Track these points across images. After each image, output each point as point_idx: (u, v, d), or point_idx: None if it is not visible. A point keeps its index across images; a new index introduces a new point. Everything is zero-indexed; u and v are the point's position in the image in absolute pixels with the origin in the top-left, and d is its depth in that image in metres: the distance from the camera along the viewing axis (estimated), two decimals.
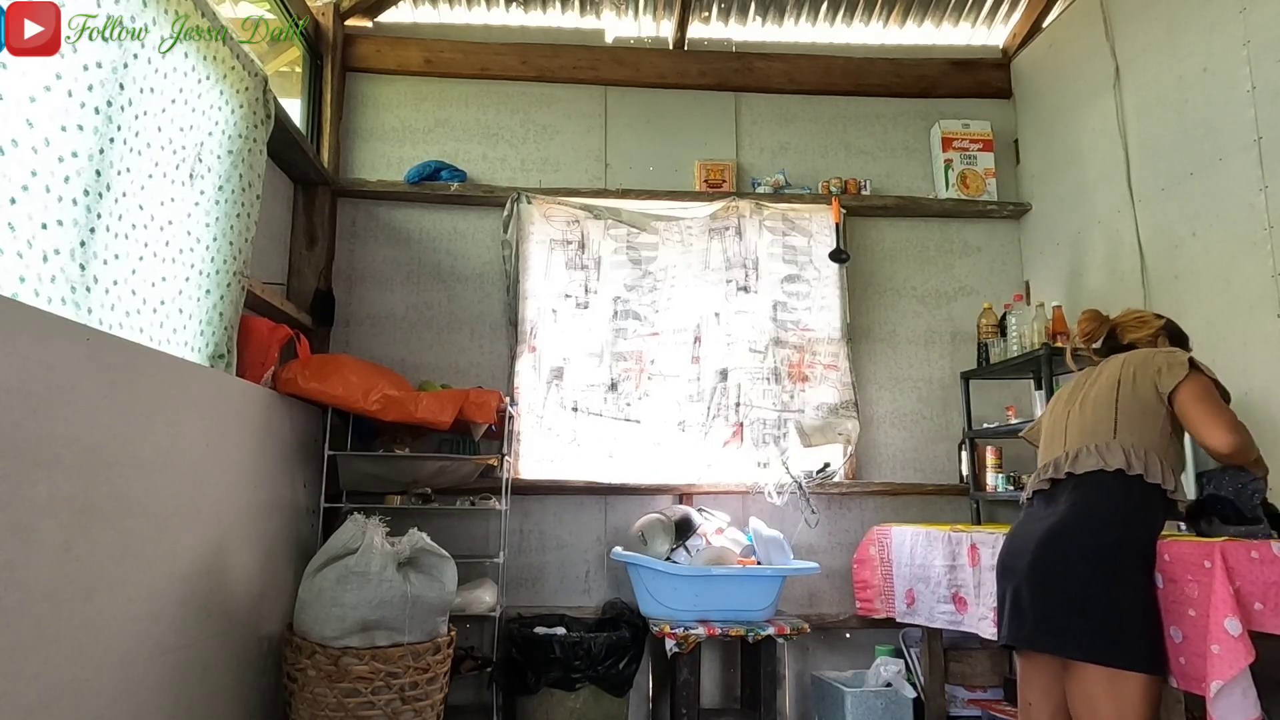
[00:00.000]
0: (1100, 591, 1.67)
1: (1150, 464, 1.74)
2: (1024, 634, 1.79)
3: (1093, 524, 1.73)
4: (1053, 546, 1.76)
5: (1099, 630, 1.65)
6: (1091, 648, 1.66)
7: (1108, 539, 1.71)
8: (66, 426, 1.59)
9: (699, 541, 3.10)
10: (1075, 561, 1.71)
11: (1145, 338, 2.01)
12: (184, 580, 2.03)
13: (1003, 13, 3.90)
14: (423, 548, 2.51)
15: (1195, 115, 2.78)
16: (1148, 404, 1.81)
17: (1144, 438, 1.79)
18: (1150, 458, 1.75)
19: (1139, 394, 1.83)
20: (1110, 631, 1.65)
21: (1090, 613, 1.67)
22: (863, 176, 3.80)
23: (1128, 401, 1.83)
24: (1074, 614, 1.68)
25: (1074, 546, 1.73)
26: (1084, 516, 1.75)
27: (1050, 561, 1.75)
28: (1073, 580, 1.70)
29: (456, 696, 3.03)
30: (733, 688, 3.35)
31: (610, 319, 3.58)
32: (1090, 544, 1.71)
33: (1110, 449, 1.79)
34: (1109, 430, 1.82)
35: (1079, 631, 1.67)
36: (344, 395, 2.81)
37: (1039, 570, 1.76)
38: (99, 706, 1.69)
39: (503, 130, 3.75)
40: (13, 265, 1.60)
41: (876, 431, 3.64)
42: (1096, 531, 1.72)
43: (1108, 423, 1.83)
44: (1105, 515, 1.74)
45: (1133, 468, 1.74)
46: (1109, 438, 1.81)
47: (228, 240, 2.47)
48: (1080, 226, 3.39)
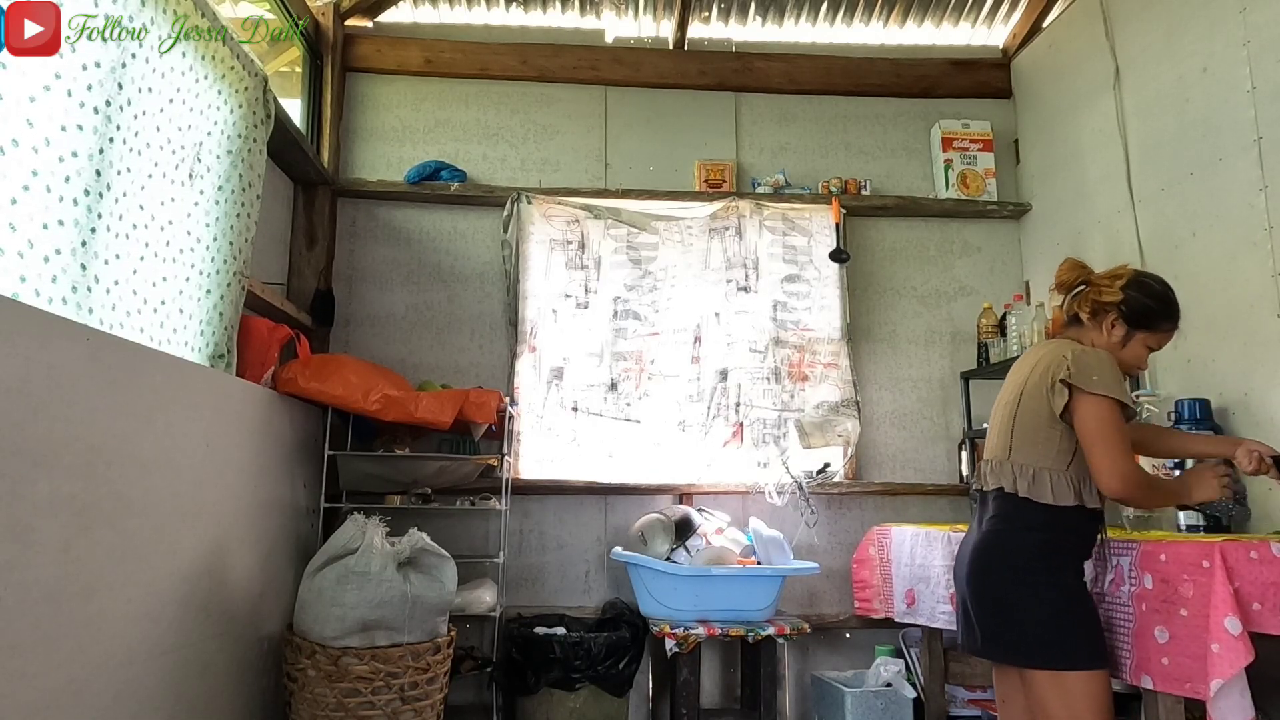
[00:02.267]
0: (1025, 598, 1.72)
1: (1037, 485, 1.74)
2: (975, 643, 1.86)
3: (1007, 536, 1.78)
4: (980, 560, 1.82)
5: (1030, 636, 1.71)
6: (1027, 654, 1.71)
7: (1022, 546, 1.76)
8: (66, 426, 1.59)
9: (699, 541, 3.10)
10: (998, 572, 1.78)
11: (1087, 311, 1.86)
12: (184, 580, 2.04)
13: (1003, 13, 3.90)
14: (423, 548, 2.51)
15: (1195, 115, 2.78)
16: (1042, 420, 1.77)
17: (1036, 457, 1.77)
18: (1039, 478, 1.75)
19: (1035, 409, 1.78)
20: (1041, 635, 1.70)
21: (1021, 619, 1.72)
22: (863, 176, 3.80)
23: (1024, 417, 1.81)
24: (1005, 623, 1.75)
25: (996, 559, 1.79)
26: (999, 530, 1.80)
27: (980, 575, 1.82)
28: (998, 591, 1.77)
29: (456, 696, 3.03)
30: (733, 688, 3.35)
31: (610, 319, 3.58)
32: (1008, 555, 1.77)
33: (1004, 469, 1.81)
34: (1005, 448, 1.83)
35: (1013, 639, 1.74)
36: (344, 395, 2.81)
37: (973, 584, 1.84)
38: (99, 706, 1.69)
39: (503, 130, 3.75)
40: (14, 265, 1.60)
41: (876, 431, 3.64)
42: (1012, 542, 1.77)
43: (1006, 438, 1.84)
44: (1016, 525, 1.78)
45: (1019, 490, 1.76)
46: (1004, 456, 1.83)
47: (228, 240, 2.47)
48: (1080, 226, 3.39)
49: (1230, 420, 2.56)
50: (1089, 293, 1.87)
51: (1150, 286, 1.86)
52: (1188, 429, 2.50)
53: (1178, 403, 2.57)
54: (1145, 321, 1.84)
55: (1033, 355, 1.90)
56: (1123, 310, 1.83)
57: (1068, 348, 1.79)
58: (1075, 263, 1.94)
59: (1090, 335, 1.86)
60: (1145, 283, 1.86)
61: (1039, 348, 1.91)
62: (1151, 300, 1.84)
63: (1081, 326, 1.89)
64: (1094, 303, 1.85)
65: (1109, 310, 1.83)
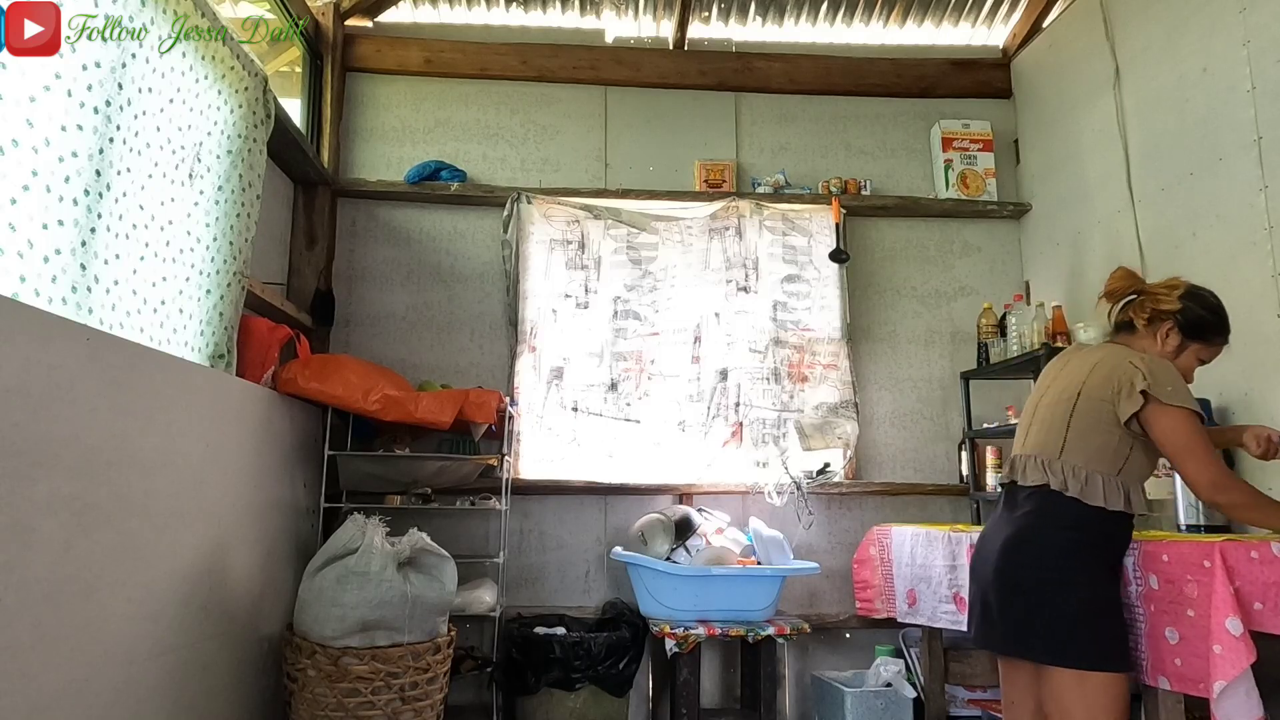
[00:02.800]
0: (1058, 595, 1.71)
1: (1089, 487, 1.73)
2: (996, 639, 1.84)
3: (1045, 531, 1.77)
4: (1012, 554, 1.79)
5: (1060, 633, 1.69)
6: (1054, 650, 1.70)
7: (1060, 542, 1.74)
8: (66, 426, 1.59)
9: (699, 541, 3.10)
10: (1032, 568, 1.75)
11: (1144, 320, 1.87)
12: (184, 580, 2.03)
13: (1003, 13, 3.90)
14: (423, 548, 2.51)
15: (1195, 115, 2.78)
16: (1103, 425, 1.76)
17: (1090, 460, 1.76)
18: (1091, 481, 1.73)
19: (1095, 413, 1.77)
20: (1071, 633, 1.68)
21: (1051, 617, 1.71)
22: (863, 176, 3.80)
23: (1082, 419, 1.78)
24: (1035, 619, 1.73)
25: (1030, 554, 1.77)
26: (1036, 525, 1.78)
27: (1011, 569, 1.79)
28: (1031, 586, 1.74)
29: (456, 696, 3.03)
30: (733, 688, 3.35)
31: (610, 319, 3.58)
32: (1044, 550, 1.75)
33: (1051, 467, 1.79)
34: (1057, 446, 1.80)
35: (1041, 636, 1.72)
36: (344, 395, 2.81)
37: (1002, 578, 1.81)
38: (99, 706, 1.69)
39: (503, 130, 3.75)
40: (14, 265, 1.60)
41: (876, 431, 3.64)
42: (1049, 537, 1.76)
43: (1058, 437, 1.81)
44: (1056, 521, 1.76)
45: (1069, 490, 1.74)
46: (1055, 455, 1.80)
47: (228, 240, 2.47)
48: (1080, 226, 3.39)
49: (1230, 420, 2.56)
50: (1145, 300, 1.87)
51: (1206, 299, 1.87)
52: None
53: None
54: (1200, 333, 1.85)
55: (1088, 357, 1.88)
56: (1179, 320, 1.84)
57: (1133, 355, 1.79)
58: (1127, 271, 1.93)
59: (1143, 343, 1.87)
60: (1201, 294, 1.87)
61: (1093, 350, 1.90)
62: (1207, 312, 1.86)
63: (1132, 334, 1.89)
64: (1152, 310, 1.85)
65: (1165, 319, 1.84)
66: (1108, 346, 1.89)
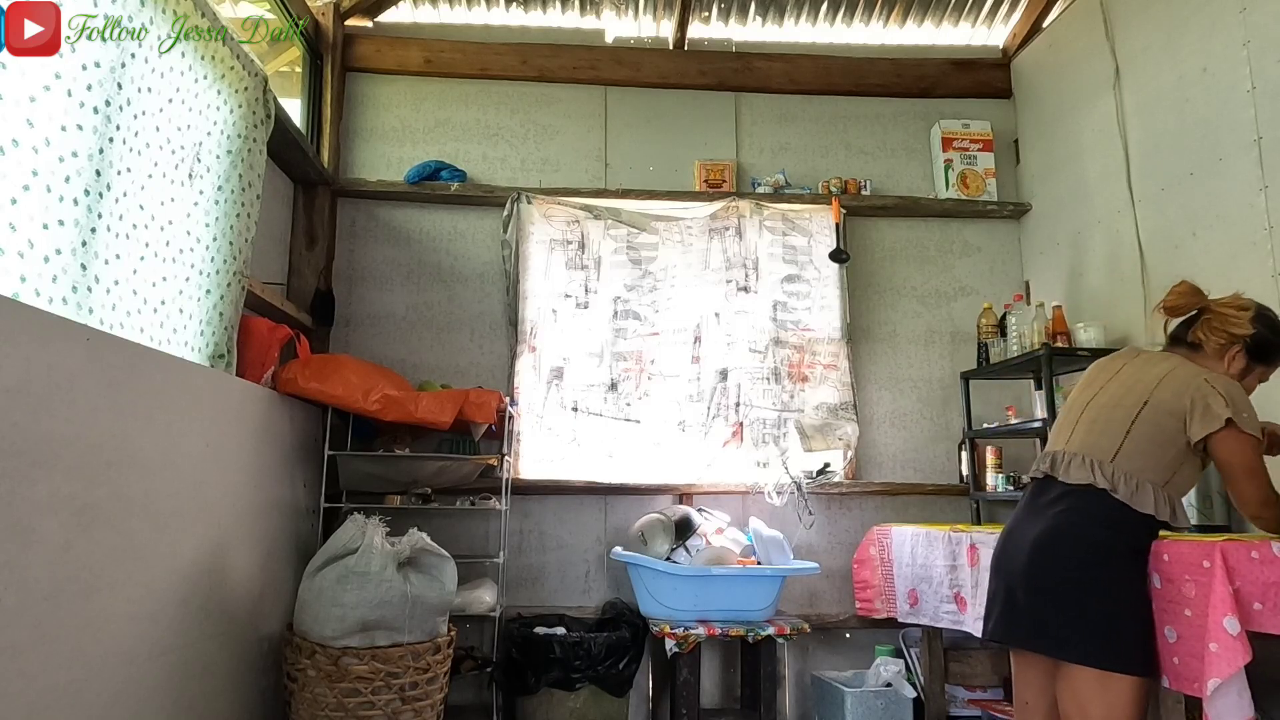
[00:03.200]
0: (1092, 594, 1.69)
1: (1140, 494, 1.72)
2: (1019, 634, 1.81)
3: (1085, 529, 1.74)
4: (1047, 550, 1.76)
5: (1090, 632, 1.67)
6: (1083, 649, 1.67)
7: (1100, 541, 1.72)
8: (66, 426, 1.59)
9: (699, 541, 3.10)
10: (1068, 565, 1.73)
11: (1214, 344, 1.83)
12: (184, 580, 2.03)
13: (1003, 13, 3.90)
14: (423, 548, 2.51)
15: (1195, 115, 2.78)
16: (1165, 438, 1.74)
17: (1144, 468, 1.74)
18: (1143, 489, 1.72)
19: (1160, 425, 1.74)
20: (1102, 633, 1.66)
21: (1082, 615, 1.69)
22: (863, 176, 3.80)
23: (1144, 428, 1.76)
24: (1066, 616, 1.70)
25: (1067, 550, 1.74)
26: (1076, 523, 1.75)
27: (1045, 564, 1.76)
28: (1066, 583, 1.72)
29: (456, 696, 3.03)
30: (733, 688, 3.35)
31: (610, 319, 3.58)
32: (1083, 548, 1.73)
33: (1103, 469, 1.76)
34: (1112, 450, 1.77)
35: (1071, 633, 1.69)
36: (344, 395, 2.81)
37: (1033, 572, 1.77)
38: (99, 706, 1.69)
39: (503, 130, 3.75)
40: (14, 265, 1.60)
41: (876, 431, 3.64)
42: (1089, 535, 1.73)
43: (1114, 441, 1.78)
44: (1097, 520, 1.74)
45: (1118, 493, 1.73)
46: (1108, 458, 1.77)
47: (228, 240, 2.47)
48: (1080, 226, 3.39)
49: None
50: (1214, 322, 1.84)
51: (1273, 321, 1.85)
52: None
53: None
54: (1265, 356, 1.84)
55: (1152, 366, 1.85)
56: (1248, 344, 1.82)
57: (1207, 375, 1.76)
58: (1192, 287, 1.89)
59: (1209, 362, 1.84)
60: (1268, 316, 1.85)
61: (1157, 359, 1.87)
62: (1274, 334, 1.83)
63: (1196, 351, 1.86)
64: (1228, 335, 1.82)
65: (1236, 342, 1.82)
66: (1175, 359, 1.85)
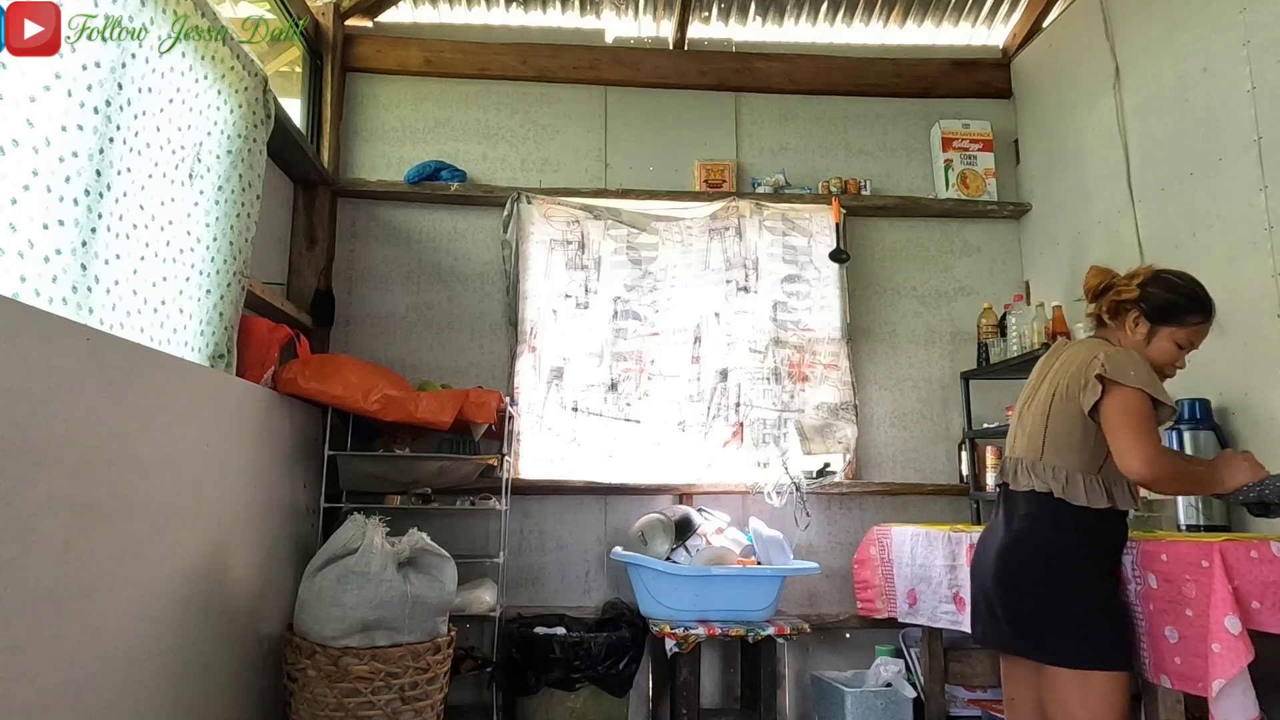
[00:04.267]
0: (1058, 596, 1.72)
1: (1071, 487, 1.74)
2: (1001, 639, 1.86)
3: (1039, 535, 1.78)
4: (1011, 557, 1.80)
5: (1062, 633, 1.70)
6: (1057, 651, 1.71)
7: (1054, 545, 1.75)
8: (66, 426, 1.59)
9: (699, 541, 3.10)
10: (1031, 569, 1.76)
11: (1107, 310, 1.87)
12: (184, 580, 2.03)
13: (1003, 13, 3.90)
14: (423, 548, 2.51)
15: (1195, 115, 2.78)
16: (1076, 424, 1.76)
17: (1069, 460, 1.76)
18: (1072, 480, 1.74)
19: (1067, 410, 1.77)
20: (1074, 634, 1.69)
21: (1052, 618, 1.72)
22: (863, 176, 3.80)
23: (1059, 420, 1.79)
24: (1037, 620, 1.74)
25: (1027, 559, 1.78)
26: (1030, 530, 1.79)
27: (1011, 572, 1.80)
28: (1031, 588, 1.75)
29: (456, 696, 3.03)
30: (733, 688, 3.35)
31: (610, 319, 3.58)
32: (1040, 554, 1.76)
33: (1036, 470, 1.80)
34: (1038, 449, 1.81)
35: (1044, 636, 1.73)
36: (344, 395, 2.81)
37: (1001, 580, 1.82)
38: (99, 706, 1.69)
39: (503, 130, 3.75)
40: (14, 265, 1.60)
41: (876, 431, 3.64)
42: (1043, 541, 1.77)
43: (1037, 440, 1.82)
44: (1052, 524, 1.76)
45: (1053, 493, 1.75)
46: (1036, 457, 1.81)
47: (228, 240, 2.47)
48: (1080, 226, 3.39)
49: (1230, 420, 2.56)
50: (1110, 295, 1.87)
51: (1170, 281, 1.84)
52: (1188, 429, 2.50)
53: (1178, 402, 2.57)
54: (1167, 316, 1.81)
55: (1063, 355, 1.88)
56: (1142, 307, 1.82)
57: (1100, 347, 1.78)
58: (1100, 269, 1.92)
59: (1116, 335, 1.86)
60: (1165, 278, 1.84)
61: (1067, 346, 1.90)
62: (1172, 294, 1.82)
63: (1106, 329, 1.89)
64: (1113, 303, 1.85)
65: (1129, 308, 1.83)
66: (1083, 342, 1.88)
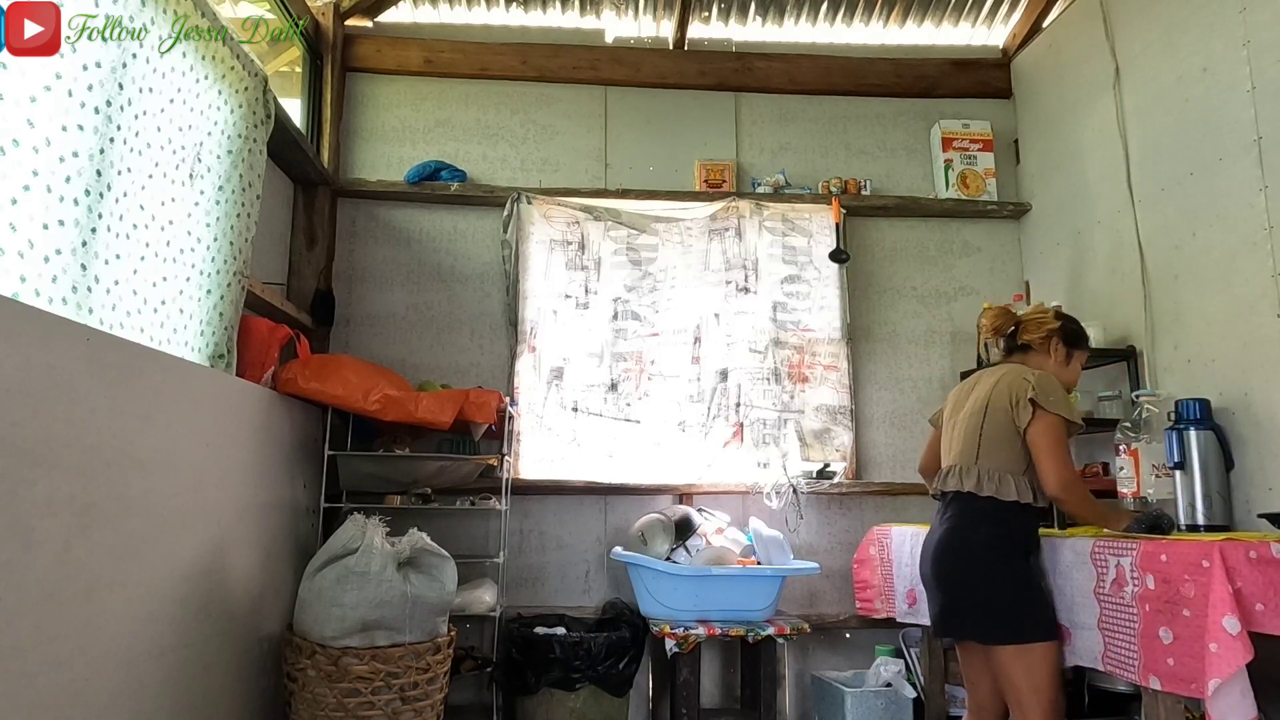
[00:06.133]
0: (987, 583, 1.99)
1: (1004, 486, 2.01)
2: (951, 628, 2.11)
3: (968, 531, 2.04)
4: (945, 554, 2.08)
5: (997, 617, 1.97)
6: (995, 632, 1.97)
7: (983, 538, 2.01)
8: (66, 426, 1.59)
9: (699, 541, 3.10)
10: (963, 563, 2.04)
11: (1038, 339, 2.20)
12: (184, 580, 2.03)
13: (1003, 13, 3.90)
14: (423, 548, 2.51)
15: (1195, 115, 2.78)
16: (1006, 433, 2.05)
17: (1001, 463, 2.04)
18: (1005, 480, 2.01)
19: (999, 422, 2.05)
20: (1005, 615, 1.96)
21: (986, 603, 1.98)
22: (863, 176, 3.80)
23: (990, 429, 2.07)
24: (973, 607, 2.01)
25: (960, 550, 2.05)
26: (960, 527, 2.06)
27: (947, 567, 2.08)
28: (964, 579, 2.03)
29: (456, 696, 3.03)
30: (733, 688, 3.35)
31: (610, 319, 3.58)
32: (971, 546, 2.03)
33: (969, 473, 2.07)
34: (972, 455, 2.09)
35: (982, 620, 2.00)
36: (344, 395, 2.81)
37: (939, 575, 2.10)
38: (99, 706, 1.69)
39: (503, 130, 3.75)
40: (14, 265, 1.60)
41: (876, 431, 3.64)
42: (972, 536, 2.03)
43: (972, 447, 2.10)
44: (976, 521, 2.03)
45: (984, 490, 2.02)
46: (971, 462, 2.08)
47: (228, 240, 2.47)
48: (1080, 226, 3.39)
49: (1231, 420, 2.56)
50: (1031, 325, 2.22)
51: (1071, 316, 2.27)
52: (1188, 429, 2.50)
53: (1178, 403, 2.57)
54: (1077, 341, 2.24)
55: (991, 376, 2.16)
56: (1062, 333, 2.21)
57: (1027, 372, 2.08)
58: (1003, 309, 2.31)
59: (1037, 359, 2.20)
60: (1066, 314, 2.27)
61: (994, 371, 2.18)
62: (1076, 325, 2.25)
63: (1027, 353, 2.22)
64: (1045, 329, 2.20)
65: (1052, 335, 2.20)
66: (1007, 366, 2.17)
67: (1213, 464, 2.46)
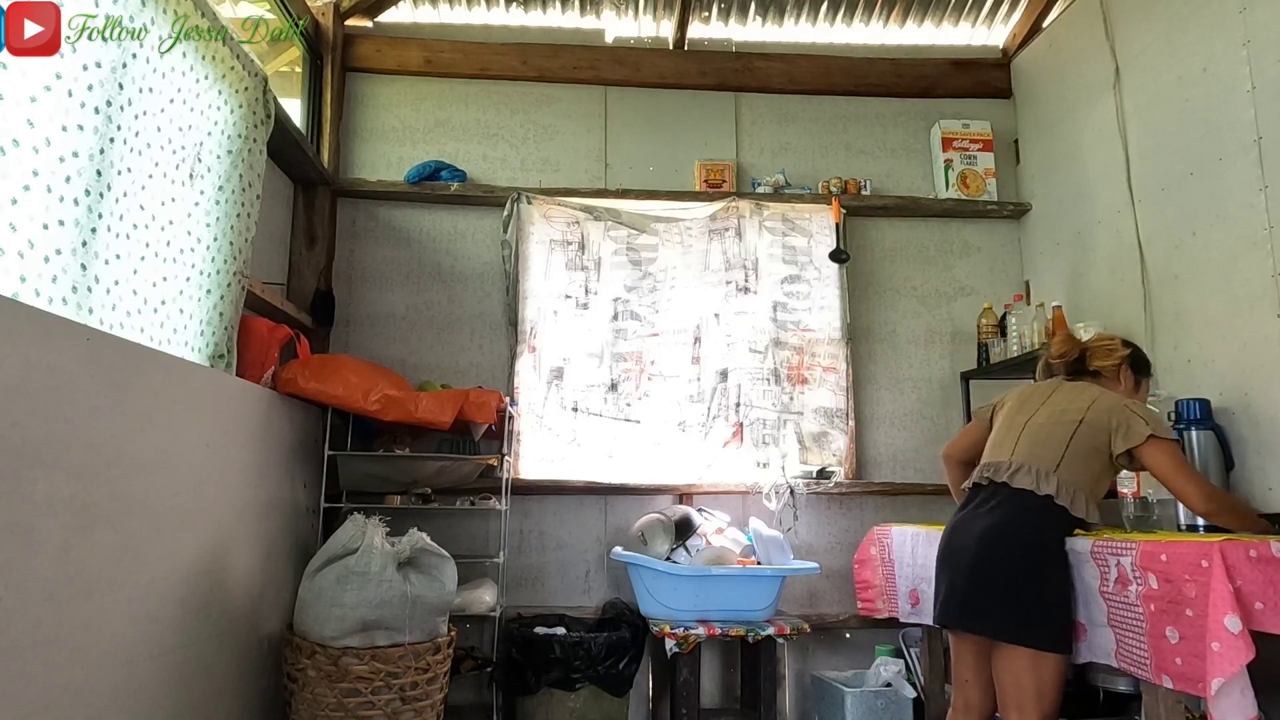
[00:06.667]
0: (1030, 584, 1.97)
1: (1076, 500, 2.02)
2: (964, 619, 2.08)
3: (1026, 527, 2.03)
4: (991, 545, 2.04)
5: (1026, 617, 1.95)
6: (1020, 631, 1.95)
7: (1037, 538, 2.00)
8: (66, 426, 1.59)
9: (699, 541, 3.10)
10: (1008, 558, 2.01)
11: (1109, 366, 2.23)
12: (184, 580, 2.03)
13: (1003, 13, 3.90)
14: (423, 548, 2.51)
15: (1195, 115, 2.78)
16: (1096, 452, 2.05)
17: (1080, 478, 2.04)
18: (1077, 495, 2.02)
19: (1093, 442, 2.06)
20: (1036, 618, 1.94)
21: (1020, 601, 1.96)
22: (863, 176, 3.80)
23: (1080, 444, 2.06)
24: (1006, 603, 1.98)
25: (1008, 546, 2.02)
26: (1019, 521, 2.04)
27: (989, 558, 2.03)
28: (1006, 575, 1.99)
29: (456, 696, 3.03)
30: (733, 688, 3.35)
31: (610, 319, 3.58)
32: (1020, 544, 2.01)
33: (1048, 479, 2.04)
34: (1054, 462, 2.06)
35: (1008, 617, 1.97)
36: (344, 395, 2.81)
37: (979, 565, 2.04)
38: (99, 706, 1.69)
39: (503, 130, 3.75)
40: (14, 265, 1.60)
41: (876, 431, 3.64)
42: (1028, 533, 2.02)
43: (1055, 454, 2.07)
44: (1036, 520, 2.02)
45: (1059, 499, 2.01)
46: (1051, 469, 2.06)
47: (228, 240, 2.47)
48: (1080, 226, 3.39)
49: (1231, 420, 2.56)
50: (1100, 352, 2.25)
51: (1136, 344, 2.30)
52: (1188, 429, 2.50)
53: (1178, 403, 2.57)
54: (1143, 369, 2.27)
55: (1074, 391, 2.17)
56: (1130, 360, 2.24)
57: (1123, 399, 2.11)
58: (1069, 335, 2.38)
59: (1111, 384, 2.22)
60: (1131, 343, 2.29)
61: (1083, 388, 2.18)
62: (1142, 353, 2.28)
63: (1098, 378, 2.24)
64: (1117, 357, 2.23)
65: (1124, 361, 2.23)
66: (1096, 388, 2.18)
67: (1213, 464, 2.47)
